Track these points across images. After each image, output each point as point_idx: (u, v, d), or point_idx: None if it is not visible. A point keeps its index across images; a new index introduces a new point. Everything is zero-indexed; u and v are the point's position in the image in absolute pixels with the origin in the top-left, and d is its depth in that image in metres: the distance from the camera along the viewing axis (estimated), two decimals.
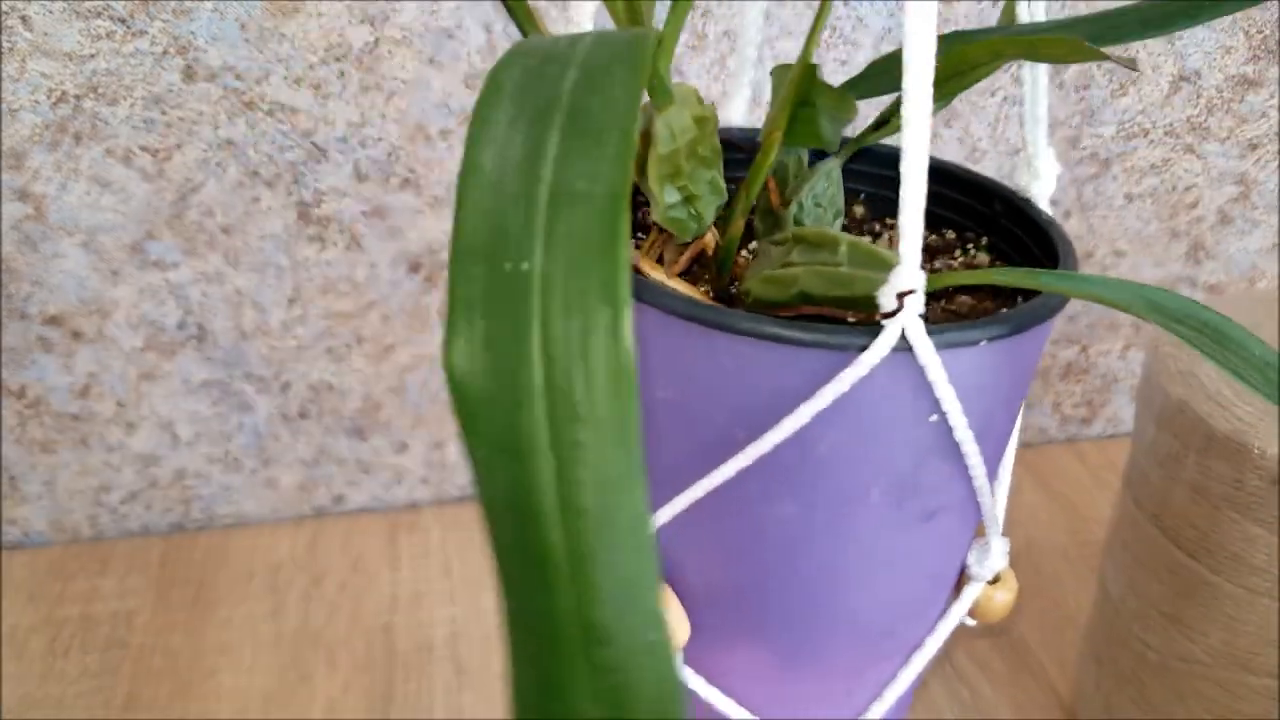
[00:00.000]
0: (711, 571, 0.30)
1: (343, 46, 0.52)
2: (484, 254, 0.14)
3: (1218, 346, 0.22)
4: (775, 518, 0.28)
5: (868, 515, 0.27)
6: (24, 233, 0.54)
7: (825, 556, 0.28)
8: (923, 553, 0.29)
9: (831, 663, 0.31)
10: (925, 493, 0.27)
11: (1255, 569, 0.40)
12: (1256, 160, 0.65)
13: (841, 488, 0.27)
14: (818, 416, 0.25)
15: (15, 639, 0.56)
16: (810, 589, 0.29)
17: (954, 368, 0.25)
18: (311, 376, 0.61)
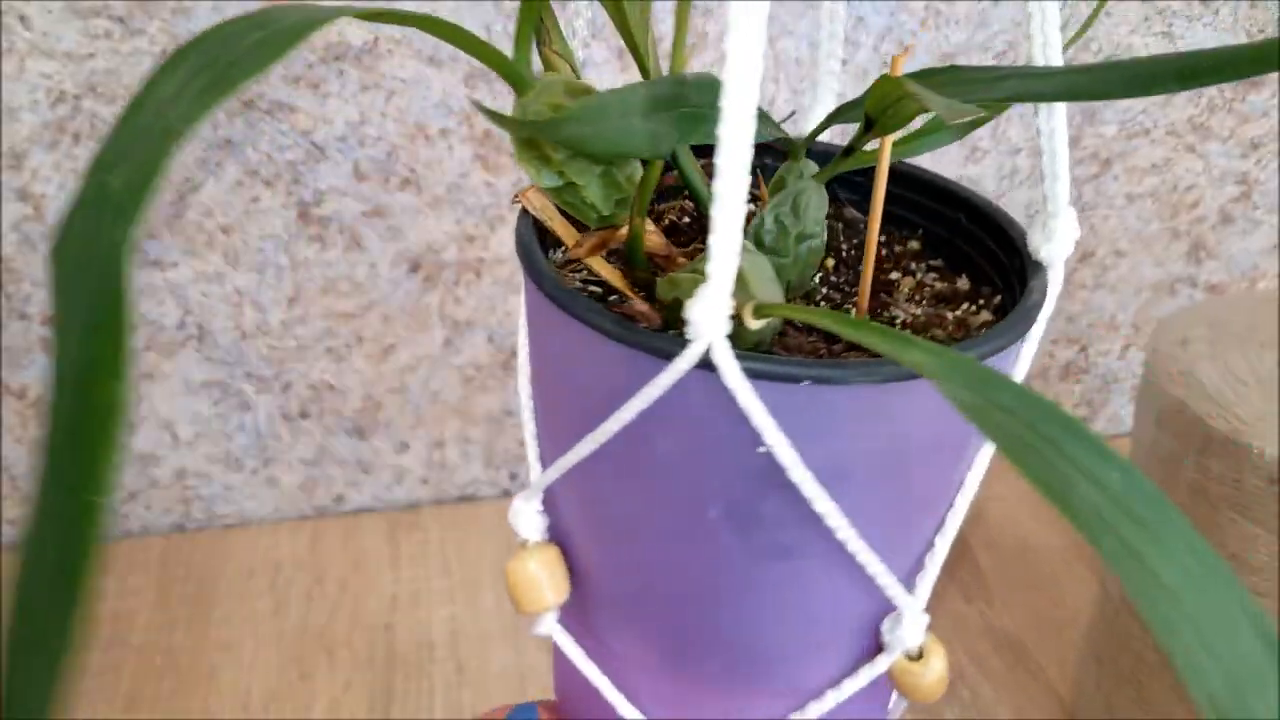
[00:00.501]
0: (589, 548, 0.31)
1: (342, 45, 0.52)
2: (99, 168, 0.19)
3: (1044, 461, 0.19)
4: (623, 511, 0.29)
5: (709, 535, 0.27)
6: (24, 233, 0.54)
7: (674, 565, 0.29)
8: (784, 593, 0.29)
9: (704, 676, 0.31)
10: (771, 527, 0.27)
11: (1255, 569, 0.40)
12: (1258, 160, 0.65)
13: (677, 497, 0.27)
14: (645, 418, 0.25)
15: None
16: (670, 595, 0.30)
17: (778, 402, 0.24)
18: (312, 376, 0.61)
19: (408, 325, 0.60)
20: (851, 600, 0.29)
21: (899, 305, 0.30)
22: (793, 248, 0.29)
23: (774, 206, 0.29)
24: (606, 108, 0.25)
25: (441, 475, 0.66)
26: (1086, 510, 0.18)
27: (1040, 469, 0.19)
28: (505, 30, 0.53)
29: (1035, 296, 0.28)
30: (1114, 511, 0.19)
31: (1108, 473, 0.19)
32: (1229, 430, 0.39)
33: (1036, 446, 0.19)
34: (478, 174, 0.56)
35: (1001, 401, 0.20)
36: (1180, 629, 0.17)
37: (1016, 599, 0.60)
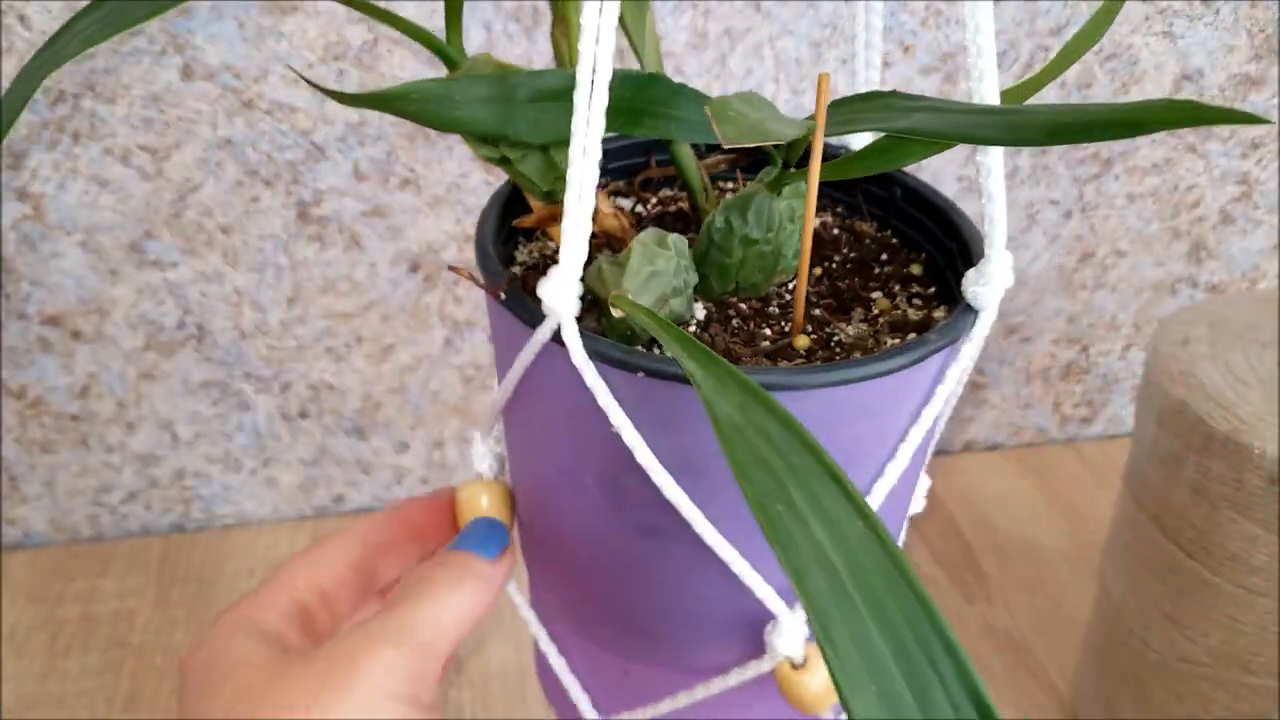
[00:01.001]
0: (520, 495, 0.33)
1: (341, 45, 0.52)
2: None
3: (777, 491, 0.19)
4: (526, 464, 0.31)
5: (586, 501, 0.29)
6: (23, 232, 0.54)
7: (567, 522, 0.30)
8: (654, 570, 0.29)
9: (599, 633, 0.32)
10: (634, 504, 0.28)
11: (1255, 569, 0.40)
12: (1258, 160, 0.64)
13: (559, 457, 0.29)
14: (528, 379, 0.27)
15: (16, 638, 0.56)
16: (564, 551, 0.31)
17: (626, 389, 0.25)
18: (311, 376, 0.61)
19: (407, 325, 0.60)
20: (726, 595, 0.29)
21: (844, 324, 0.30)
22: (738, 249, 0.29)
23: (725, 207, 0.30)
24: (452, 91, 0.26)
25: (441, 475, 0.66)
26: (801, 548, 0.18)
27: (763, 494, 0.19)
28: (505, 30, 0.53)
29: (931, 336, 0.27)
30: (839, 558, 0.18)
31: (850, 522, 0.19)
32: (1230, 430, 0.39)
33: (777, 475, 0.19)
34: (477, 174, 0.56)
35: (763, 427, 0.20)
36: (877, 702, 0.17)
37: (1017, 600, 0.60)
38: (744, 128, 0.24)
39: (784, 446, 0.20)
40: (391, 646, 0.27)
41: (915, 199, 0.34)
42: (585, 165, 0.24)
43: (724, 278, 0.30)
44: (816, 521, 0.19)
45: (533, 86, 0.26)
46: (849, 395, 0.25)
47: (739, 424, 0.20)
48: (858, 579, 0.18)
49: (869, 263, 0.33)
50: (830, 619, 0.18)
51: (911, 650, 0.18)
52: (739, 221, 0.29)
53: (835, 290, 0.32)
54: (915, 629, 0.18)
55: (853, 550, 0.19)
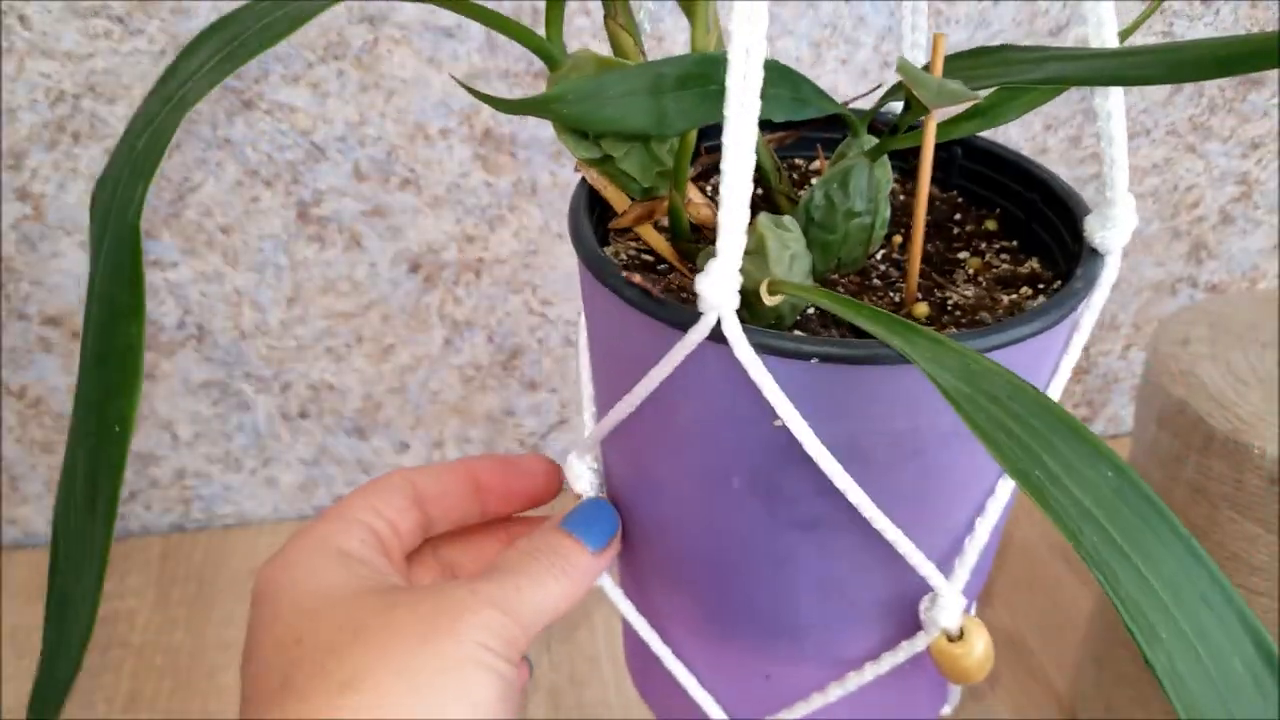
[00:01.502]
0: (634, 508, 0.32)
1: (341, 45, 0.52)
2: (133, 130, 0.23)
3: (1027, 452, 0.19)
4: (657, 476, 0.30)
5: (735, 503, 0.28)
6: (23, 232, 0.54)
7: (706, 531, 0.30)
8: (812, 563, 0.29)
9: (742, 637, 0.32)
10: (792, 499, 0.27)
11: (1255, 569, 0.40)
12: (1258, 160, 0.64)
13: (703, 465, 0.28)
14: (667, 387, 0.26)
15: (16, 638, 0.56)
16: (705, 558, 0.30)
17: (791, 378, 0.25)
18: (311, 376, 0.61)
19: (407, 325, 0.60)
20: (884, 577, 0.29)
21: (953, 286, 0.30)
22: (841, 224, 0.29)
23: (823, 183, 0.29)
24: (602, 87, 0.25)
25: None
26: (1067, 508, 0.18)
27: (1019, 461, 0.19)
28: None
29: (1077, 285, 0.27)
30: (1101, 512, 0.18)
31: (1100, 472, 0.19)
32: (1230, 430, 0.39)
33: (1021, 439, 0.19)
34: (477, 174, 0.56)
35: (992, 391, 0.20)
36: (1166, 642, 0.17)
37: (1017, 599, 0.60)
38: (935, 90, 0.24)
39: (1018, 409, 0.20)
40: (498, 610, 0.27)
41: (980, 156, 0.34)
42: (743, 151, 0.22)
43: (827, 254, 0.29)
44: (1070, 478, 0.19)
45: (677, 74, 0.25)
46: (1014, 354, 0.25)
47: (968, 393, 0.20)
48: (1122, 529, 0.18)
49: (944, 224, 0.33)
50: (1111, 570, 0.18)
51: (1184, 590, 0.18)
52: (840, 196, 0.29)
53: (924, 255, 0.32)
54: (1185, 570, 0.18)
55: (1108, 501, 0.19)
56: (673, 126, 0.26)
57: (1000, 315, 0.29)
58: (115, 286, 0.19)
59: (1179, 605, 0.18)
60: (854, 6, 0.56)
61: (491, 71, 0.54)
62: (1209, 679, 0.17)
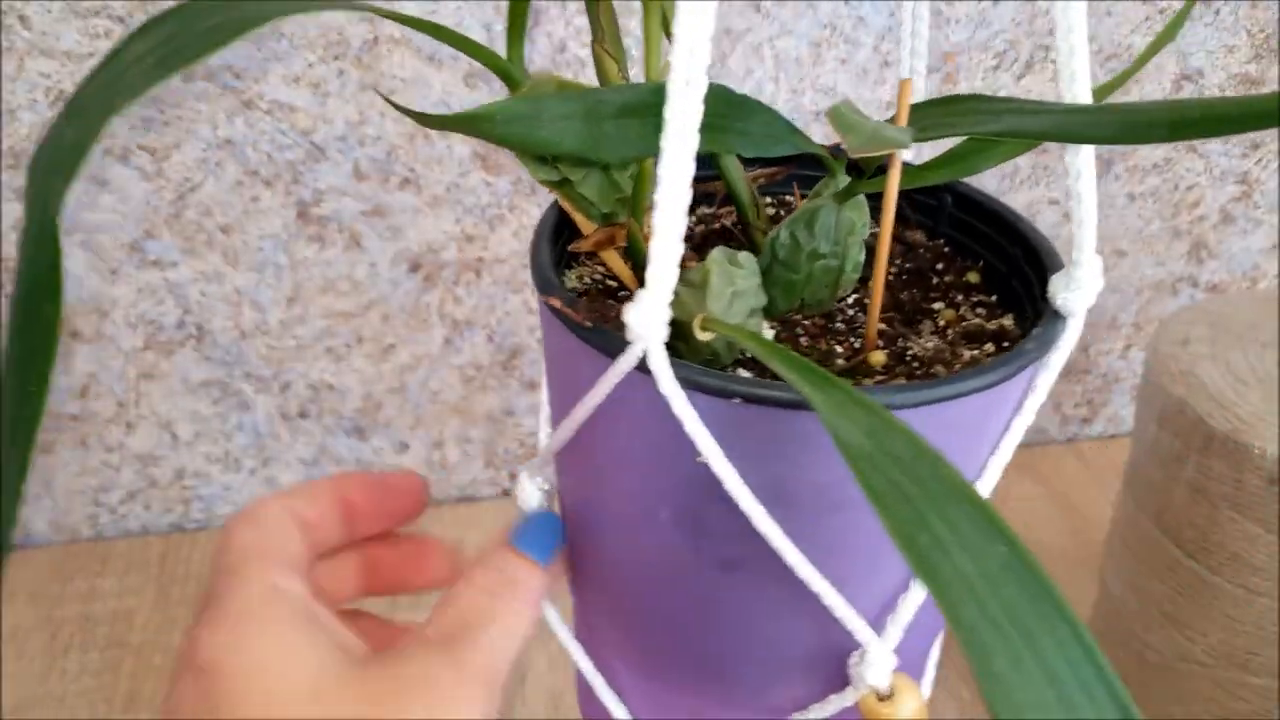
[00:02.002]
0: (575, 533, 0.31)
1: (341, 45, 0.52)
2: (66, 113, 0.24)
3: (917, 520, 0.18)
4: (591, 502, 0.29)
5: (662, 537, 0.27)
6: None
7: (636, 563, 0.29)
8: (735, 606, 0.28)
9: (672, 677, 0.31)
10: (717, 539, 0.27)
11: (1255, 568, 0.40)
12: (1258, 160, 0.64)
13: (632, 495, 0.28)
14: (599, 415, 0.26)
15: (16, 638, 0.56)
16: (636, 591, 0.30)
17: (717, 416, 0.24)
18: (311, 376, 0.61)
19: (407, 325, 0.60)
20: (810, 628, 0.28)
21: (916, 337, 0.29)
22: (804, 264, 0.29)
23: (790, 222, 0.29)
24: (539, 110, 0.25)
25: (441, 475, 0.66)
26: (950, 579, 0.18)
27: (906, 525, 0.18)
28: (505, 29, 0.53)
29: (1028, 346, 0.26)
30: (985, 587, 0.18)
31: (993, 547, 0.18)
32: (1230, 430, 0.39)
33: (915, 504, 0.19)
34: (477, 174, 0.56)
35: (895, 452, 0.19)
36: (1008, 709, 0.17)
37: None
38: (866, 136, 0.23)
39: (918, 472, 0.19)
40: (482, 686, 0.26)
41: (969, 205, 0.33)
42: (678, 183, 0.22)
43: (790, 295, 0.29)
44: (958, 549, 0.18)
45: (619, 102, 0.25)
46: (946, 411, 0.25)
47: (869, 450, 0.19)
48: (1004, 605, 0.18)
49: (925, 272, 0.32)
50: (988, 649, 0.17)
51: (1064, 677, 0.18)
52: (805, 236, 0.28)
53: (897, 302, 0.31)
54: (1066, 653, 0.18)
55: (993, 575, 0.18)
56: (613, 153, 0.25)
57: (957, 369, 0.28)
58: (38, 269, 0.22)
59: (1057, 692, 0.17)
60: (854, 6, 0.56)
61: (491, 72, 0.54)
62: None
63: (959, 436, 0.26)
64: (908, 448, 0.19)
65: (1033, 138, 0.25)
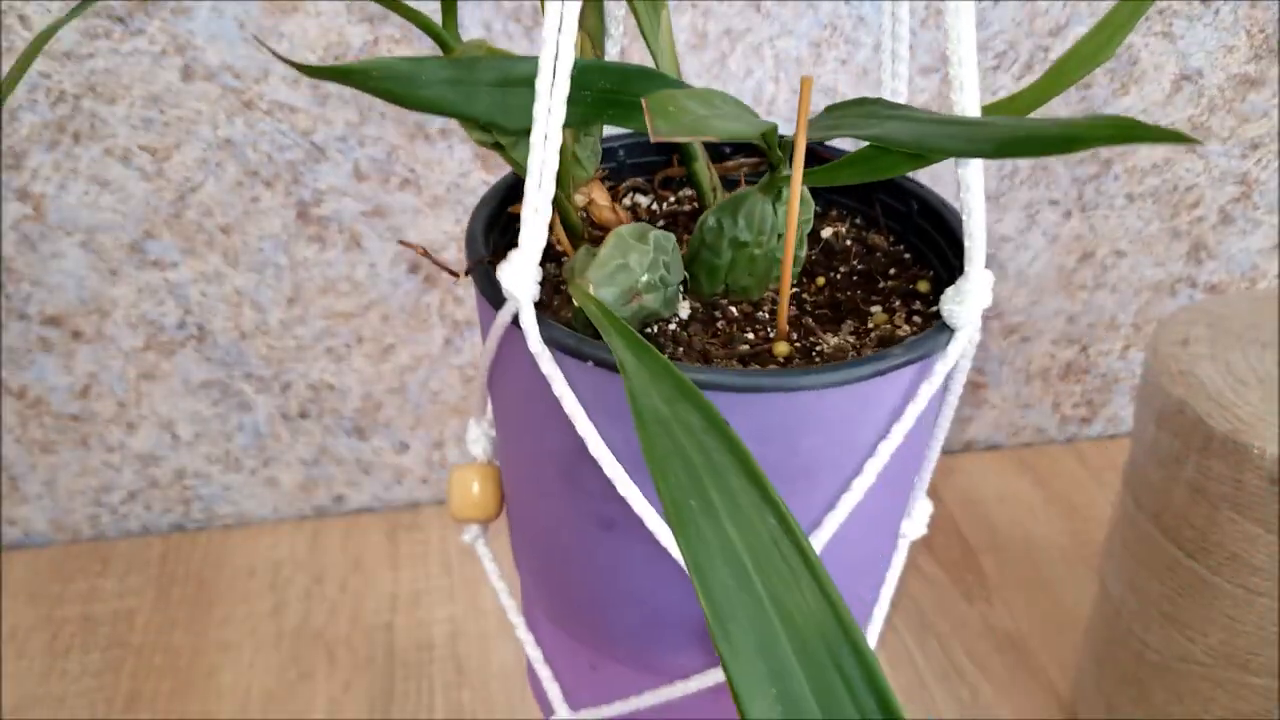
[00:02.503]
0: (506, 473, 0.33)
1: (341, 45, 0.52)
2: None
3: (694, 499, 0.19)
4: (507, 453, 0.31)
5: (550, 488, 0.29)
6: (23, 232, 0.54)
7: (534, 514, 0.31)
8: (611, 565, 0.29)
9: (568, 623, 0.32)
10: (590, 497, 0.28)
11: (1255, 568, 0.40)
12: (1258, 160, 0.65)
13: (526, 444, 0.29)
14: (496, 362, 0.28)
15: (16, 638, 0.56)
16: (539, 539, 0.31)
17: (582, 380, 0.25)
18: (311, 376, 0.61)
19: (407, 325, 0.60)
20: (684, 598, 0.29)
21: (833, 335, 0.30)
22: (726, 250, 0.29)
23: (718, 209, 0.29)
24: (418, 71, 0.26)
25: (441, 475, 0.66)
26: (710, 543, 0.18)
27: (679, 490, 0.19)
28: (505, 29, 0.53)
29: (894, 351, 0.26)
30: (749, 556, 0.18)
31: (764, 519, 0.19)
32: (1229, 430, 0.39)
33: (695, 471, 0.19)
34: (477, 174, 0.56)
35: (688, 421, 0.20)
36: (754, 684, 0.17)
37: (1017, 599, 0.60)
38: (680, 123, 0.24)
39: (706, 442, 0.20)
40: None
41: (930, 213, 0.33)
42: (546, 152, 0.24)
43: (713, 278, 0.30)
44: (729, 518, 0.19)
45: (498, 71, 0.26)
46: (807, 404, 0.25)
47: (664, 416, 0.20)
48: (765, 577, 0.18)
49: (875, 276, 0.33)
50: (729, 616, 0.17)
51: (817, 652, 0.18)
52: (729, 223, 0.29)
53: (834, 301, 0.31)
54: (823, 630, 0.18)
55: (764, 547, 0.18)
56: (486, 119, 0.27)
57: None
58: None
59: (805, 667, 0.18)
60: (854, 6, 0.56)
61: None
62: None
63: (824, 431, 0.26)
64: (701, 419, 0.20)
65: (896, 146, 0.25)
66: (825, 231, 0.35)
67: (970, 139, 0.24)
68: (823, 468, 0.27)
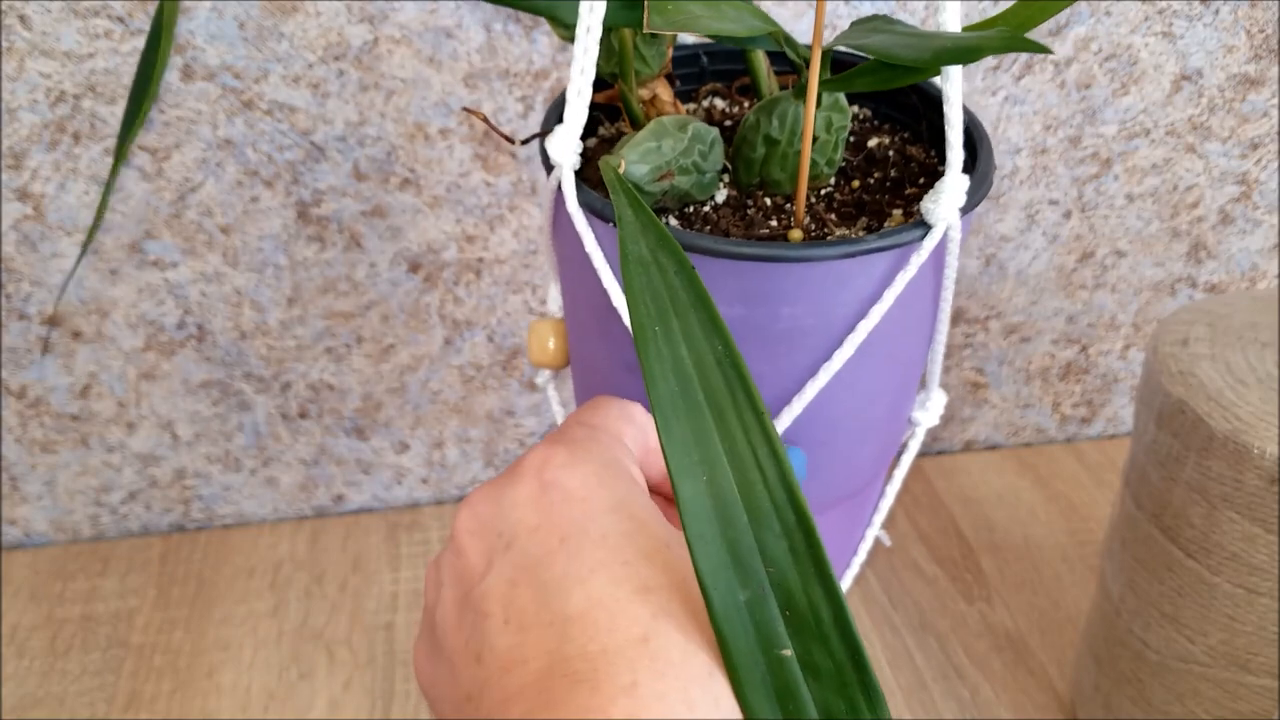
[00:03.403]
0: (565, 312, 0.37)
1: (341, 45, 0.52)
2: None
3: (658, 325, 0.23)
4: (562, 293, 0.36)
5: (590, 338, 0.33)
6: (23, 232, 0.54)
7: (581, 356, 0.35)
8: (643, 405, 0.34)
9: None
10: (616, 343, 0.32)
11: (1254, 568, 0.40)
12: (1258, 160, 0.65)
13: (574, 295, 0.33)
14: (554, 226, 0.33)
15: (16, 638, 0.56)
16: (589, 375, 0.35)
17: (602, 236, 0.30)
18: (311, 376, 0.61)
19: (407, 325, 0.60)
20: None
21: (845, 228, 0.34)
22: (760, 145, 0.33)
23: (757, 109, 0.33)
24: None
25: (441, 475, 0.66)
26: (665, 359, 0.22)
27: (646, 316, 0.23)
28: (505, 30, 0.53)
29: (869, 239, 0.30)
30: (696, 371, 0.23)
31: (712, 344, 0.23)
32: (1229, 430, 0.39)
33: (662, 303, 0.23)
34: (477, 174, 0.56)
35: (664, 265, 0.24)
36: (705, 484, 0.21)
37: (1016, 599, 0.60)
38: (671, 18, 0.28)
39: (675, 283, 0.23)
40: None
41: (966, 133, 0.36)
42: (588, 40, 0.28)
43: (749, 170, 0.34)
44: (684, 341, 0.23)
45: None
46: (784, 274, 0.29)
47: (645, 259, 0.24)
48: (706, 387, 0.22)
49: (905, 183, 0.36)
50: (673, 414, 0.22)
51: (743, 453, 0.22)
52: (765, 121, 0.33)
53: (859, 201, 0.35)
54: (748, 432, 0.22)
55: (707, 365, 0.22)
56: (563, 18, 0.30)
57: None
58: None
59: (731, 460, 0.22)
60: (854, 6, 0.56)
61: (491, 71, 0.54)
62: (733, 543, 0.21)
63: (804, 303, 0.30)
64: (674, 264, 0.24)
65: (873, 53, 0.30)
66: (871, 141, 0.38)
67: (917, 49, 0.29)
68: (803, 335, 0.31)
